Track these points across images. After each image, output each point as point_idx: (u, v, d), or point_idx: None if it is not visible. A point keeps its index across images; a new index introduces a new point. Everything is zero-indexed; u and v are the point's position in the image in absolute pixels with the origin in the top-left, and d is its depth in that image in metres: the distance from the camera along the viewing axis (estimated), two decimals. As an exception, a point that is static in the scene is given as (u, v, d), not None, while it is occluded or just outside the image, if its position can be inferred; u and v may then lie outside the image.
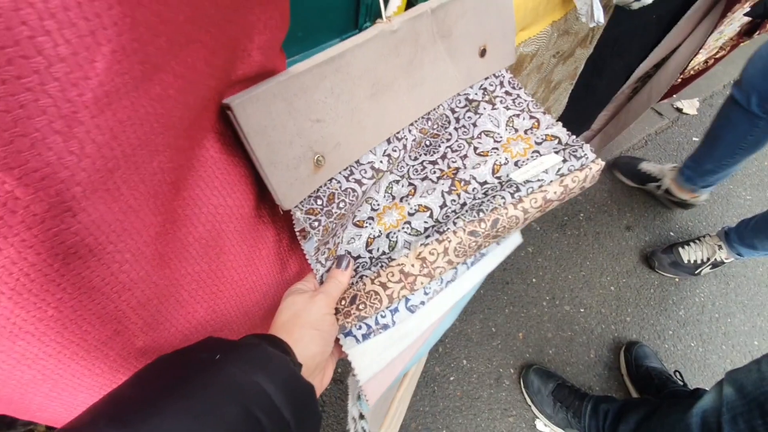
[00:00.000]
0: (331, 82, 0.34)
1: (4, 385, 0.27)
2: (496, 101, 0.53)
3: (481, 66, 0.48)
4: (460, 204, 0.45)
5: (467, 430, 1.07)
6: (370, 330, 0.39)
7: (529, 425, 1.09)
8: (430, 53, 0.41)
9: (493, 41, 0.47)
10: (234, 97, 0.28)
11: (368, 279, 0.39)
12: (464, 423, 1.08)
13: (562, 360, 1.17)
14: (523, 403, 1.11)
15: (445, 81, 0.45)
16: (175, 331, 0.35)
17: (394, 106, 0.41)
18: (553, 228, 1.37)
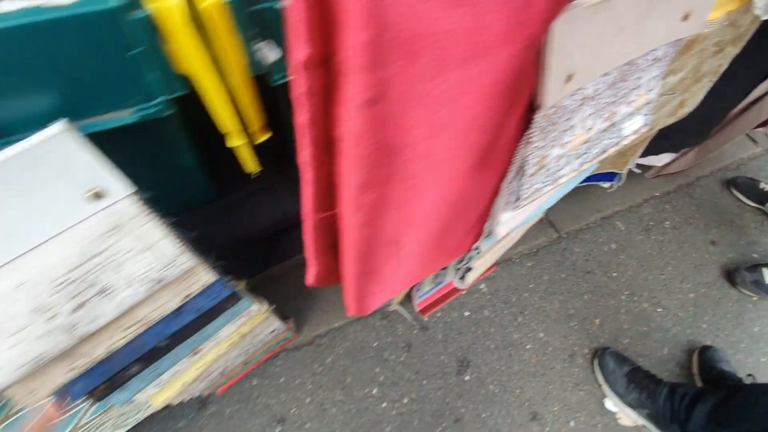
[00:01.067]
0: (609, 15, 0.43)
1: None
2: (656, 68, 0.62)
3: (680, 29, 0.57)
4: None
5: (539, 393, 1.14)
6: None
7: (598, 402, 1.14)
8: (658, 6, 0.51)
9: (698, 9, 0.56)
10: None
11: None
12: (537, 387, 1.15)
13: (635, 351, 1.22)
14: (594, 382, 1.17)
15: (655, 35, 0.54)
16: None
17: (620, 46, 0.50)
18: (638, 230, 1.41)
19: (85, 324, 0.44)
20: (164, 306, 0.53)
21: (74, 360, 0.49)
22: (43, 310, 0.40)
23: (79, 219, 0.38)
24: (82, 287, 0.42)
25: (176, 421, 1.03)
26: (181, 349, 0.67)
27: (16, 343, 0.40)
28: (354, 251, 0.48)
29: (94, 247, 0.41)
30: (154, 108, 0.37)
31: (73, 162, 0.35)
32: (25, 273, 0.38)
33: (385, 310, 1.21)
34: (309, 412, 1.07)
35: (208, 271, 0.54)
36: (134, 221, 0.42)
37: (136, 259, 0.44)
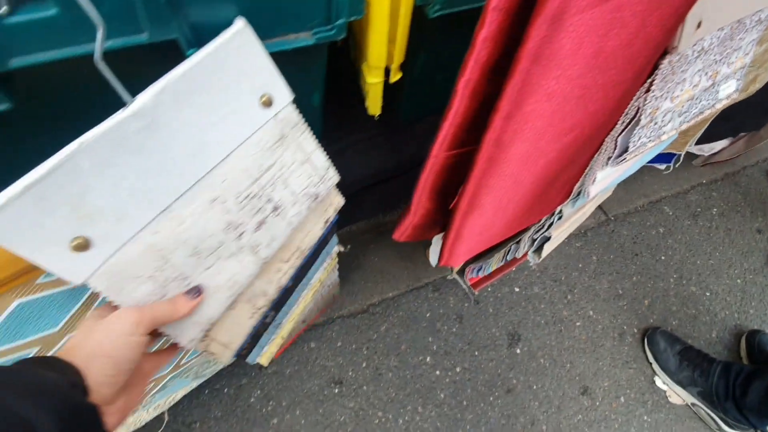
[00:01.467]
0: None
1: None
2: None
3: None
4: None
5: (589, 369, 1.16)
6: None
7: (648, 380, 1.16)
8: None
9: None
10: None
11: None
12: (587, 363, 1.16)
13: (684, 333, 1.23)
14: (644, 360, 1.18)
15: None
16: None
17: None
18: (685, 216, 1.42)
19: (264, 245, 0.45)
20: (311, 233, 0.54)
21: (254, 302, 0.50)
22: (233, 227, 0.41)
23: (256, 127, 0.40)
24: (261, 203, 0.43)
25: (239, 379, 1.07)
26: (294, 296, 0.69)
27: (210, 264, 0.41)
28: (474, 187, 0.50)
29: (267, 159, 0.42)
30: (332, 31, 0.39)
31: (251, 63, 0.36)
32: (217, 187, 0.39)
33: (438, 282, 1.24)
34: (365, 376, 1.10)
35: (338, 193, 0.56)
36: (294, 130, 0.43)
37: (297, 172, 0.45)
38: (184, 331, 0.41)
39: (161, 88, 0.32)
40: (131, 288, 0.35)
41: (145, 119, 0.33)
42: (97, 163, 0.31)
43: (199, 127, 0.37)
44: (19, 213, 0.27)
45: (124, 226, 0.34)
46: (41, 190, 0.28)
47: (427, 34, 0.49)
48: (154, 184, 0.35)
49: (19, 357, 0.42)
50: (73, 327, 0.44)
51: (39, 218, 0.28)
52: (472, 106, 0.43)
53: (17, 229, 0.28)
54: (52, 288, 0.40)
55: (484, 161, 0.45)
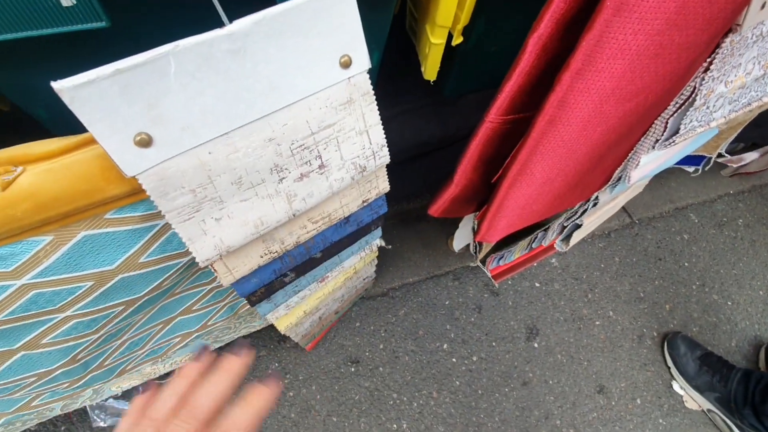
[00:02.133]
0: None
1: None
2: None
3: None
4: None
5: (607, 368, 1.15)
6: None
7: (665, 384, 1.15)
8: None
9: None
10: None
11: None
12: (605, 363, 1.16)
13: (704, 340, 1.21)
14: (662, 364, 1.17)
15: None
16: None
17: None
18: (711, 224, 1.41)
19: (300, 198, 0.47)
20: (347, 206, 0.55)
21: (269, 245, 0.51)
22: (278, 169, 0.43)
23: (329, 83, 0.41)
24: (310, 157, 0.44)
25: (258, 350, 1.07)
26: (321, 269, 0.70)
27: (247, 197, 0.43)
28: (528, 152, 0.50)
29: (329, 117, 0.43)
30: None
31: (343, 21, 0.37)
32: (276, 129, 0.40)
33: (458, 271, 1.24)
34: (382, 357, 1.10)
35: (385, 178, 0.57)
36: (363, 98, 0.44)
37: (353, 140, 0.46)
38: (204, 251, 0.42)
39: (259, 19, 0.33)
40: (173, 195, 0.37)
41: (236, 43, 0.33)
42: (182, 71, 0.32)
43: (279, 67, 0.37)
44: (102, 92, 0.29)
45: (186, 137, 0.35)
46: (128, 78, 0.29)
47: (489, 1, 0.49)
48: (224, 108, 0.36)
49: (72, 288, 0.42)
50: (127, 268, 0.45)
51: (117, 104, 0.30)
52: (539, 65, 0.43)
53: (96, 107, 0.29)
54: (117, 225, 0.41)
55: (544, 123, 0.46)
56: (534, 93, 0.47)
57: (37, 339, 0.43)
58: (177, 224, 0.39)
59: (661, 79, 0.42)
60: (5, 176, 0.31)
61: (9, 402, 0.56)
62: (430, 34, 0.50)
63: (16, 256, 0.35)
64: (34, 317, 0.40)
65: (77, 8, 0.31)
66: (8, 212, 0.31)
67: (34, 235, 0.35)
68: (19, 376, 0.46)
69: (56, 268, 0.37)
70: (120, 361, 0.62)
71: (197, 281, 0.61)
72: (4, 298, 0.37)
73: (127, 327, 0.55)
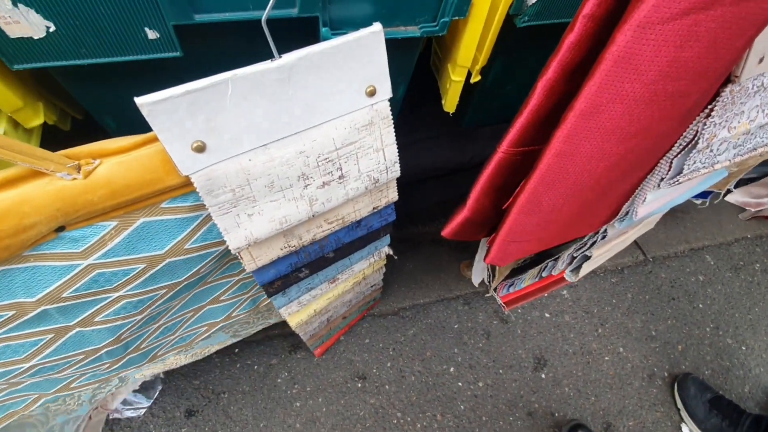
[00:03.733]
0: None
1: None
2: None
3: None
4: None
5: (615, 406, 1.14)
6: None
7: (674, 426, 1.12)
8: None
9: None
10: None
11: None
12: (613, 399, 1.14)
13: (716, 384, 1.19)
14: (672, 405, 1.15)
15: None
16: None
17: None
18: (727, 267, 1.40)
19: (320, 202, 0.53)
20: (359, 210, 0.61)
21: (289, 240, 0.57)
22: (305, 177, 0.49)
23: (355, 108, 0.47)
24: (333, 168, 0.50)
25: (269, 358, 1.11)
26: (332, 270, 0.75)
27: (276, 199, 0.49)
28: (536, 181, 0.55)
29: (352, 136, 0.49)
30: (437, 27, 0.45)
31: (371, 59, 0.44)
32: (307, 143, 0.47)
33: (469, 296, 1.26)
34: (389, 375, 1.12)
35: (395, 189, 0.62)
36: (383, 122, 0.50)
37: (370, 156, 0.53)
38: (236, 241, 0.49)
39: (304, 55, 0.39)
40: (216, 193, 0.43)
41: (283, 74, 0.40)
42: (237, 93, 0.38)
43: (315, 93, 0.44)
44: (173, 107, 0.35)
45: (233, 146, 0.42)
46: (194, 97, 0.36)
47: (507, 43, 0.55)
48: (266, 124, 0.43)
49: (127, 270, 0.48)
50: (173, 253, 0.50)
51: (183, 116, 0.36)
52: (547, 104, 0.48)
53: (166, 119, 0.36)
54: (170, 214, 0.47)
55: (551, 155, 0.50)
56: (542, 128, 0.52)
57: (92, 316, 0.48)
58: (217, 216, 0.45)
59: (657, 122, 0.47)
60: (86, 167, 0.37)
61: (53, 382, 0.61)
62: (451, 72, 0.56)
63: (86, 239, 0.41)
64: (93, 295, 0.46)
65: (160, 41, 0.38)
66: (87, 197, 0.37)
67: (102, 220, 0.41)
68: (72, 352, 0.52)
69: (117, 250, 0.43)
70: (154, 345, 0.67)
71: (227, 272, 0.67)
72: (72, 276, 0.42)
73: (165, 311, 0.60)
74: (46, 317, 0.45)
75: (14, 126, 0.44)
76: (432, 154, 0.71)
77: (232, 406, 1.05)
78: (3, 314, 0.43)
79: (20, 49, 0.36)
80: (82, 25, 0.35)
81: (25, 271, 0.42)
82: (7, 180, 0.37)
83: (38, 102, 0.45)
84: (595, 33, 0.41)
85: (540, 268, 1.03)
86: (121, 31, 0.36)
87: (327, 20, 0.42)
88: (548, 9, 0.48)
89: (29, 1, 0.33)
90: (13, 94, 0.41)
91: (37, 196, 0.38)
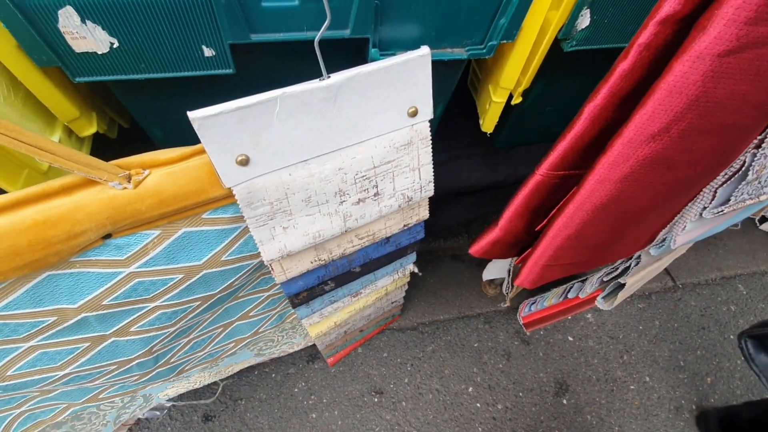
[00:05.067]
0: None
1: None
2: None
3: None
4: None
5: (640, 438, 1.10)
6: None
7: (703, 463, 1.08)
8: None
9: None
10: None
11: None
12: (637, 430, 1.10)
13: (748, 421, 1.14)
14: (701, 441, 1.10)
15: None
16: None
17: None
18: (761, 297, 1.34)
19: (354, 218, 0.53)
20: (389, 227, 0.61)
21: (320, 253, 0.57)
22: (341, 193, 0.49)
23: (396, 128, 0.47)
24: (369, 185, 0.51)
25: (287, 367, 1.11)
26: (357, 284, 0.75)
27: (311, 213, 0.49)
28: (575, 206, 0.54)
29: (390, 155, 0.49)
30: (484, 50, 0.45)
31: (416, 80, 0.44)
32: (347, 161, 0.47)
33: (490, 315, 1.24)
34: (406, 392, 1.11)
35: (426, 208, 0.62)
36: (422, 142, 0.50)
37: (406, 174, 0.53)
38: (270, 252, 0.49)
39: (352, 76, 0.40)
40: (255, 205, 0.44)
41: (331, 92, 0.40)
42: (284, 111, 0.39)
43: (359, 112, 0.44)
44: (222, 122, 0.36)
45: (275, 160, 0.42)
46: (243, 113, 0.37)
47: (551, 67, 0.54)
48: (309, 140, 0.43)
49: (165, 279, 0.49)
50: (210, 264, 0.51)
51: (231, 131, 0.37)
52: (593, 130, 0.47)
53: (215, 132, 0.36)
54: (210, 225, 0.48)
55: (594, 181, 0.49)
56: (585, 154, 0.51)
57: (127, 326, 0.49)
58: (253, 228, 0.46)
59: (710, 153, 0.45)
60: (137, 177, 0.38)
61: (83, 391, 0.62)
62: (492, 93, 0.56)
63: (130, 246, 0.41)
64: (131, 304, 0.46)
65: (215, 58, 0.38)
66: (136, 206, 0.38)
67: (147, 228, 0.41)
68: (106, 362, 0.52)
69: (158, 259, 0.44)
70: (182, 360, 0.67)
71: (258, 287, 0.67)
72: (113, 283, 0.43)
73: (196, 325, 0.61)
74: (84, 325, 0.46)
75: (68, 134, 0.46)
76: (465, 172, 0.71)
77: (249, 413, 1.05)
78: (45, 320, 0.44)
79: (84, 63, 0.37)
80: (143, 42, 0.36)
81: (70, 276, 0.42)
82: (63, 188, 0.38)
83: (92, 112, 0.47)
84: (650, 62, 0.40)
85: (565, 288, 1.01)
86: (180, 48, 0.37)
87: (376, 41, 0.43)
88: (598, 34, 0.48)
89: (97, 17, 0.34)
90: (71, 105, 0.42)
91: (89, 203, 0.39)
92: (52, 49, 0.36)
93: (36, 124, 0.43)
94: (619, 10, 0.46)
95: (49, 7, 0.33)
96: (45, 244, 0.39)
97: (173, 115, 0.47)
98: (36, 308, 0.43)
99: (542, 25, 0.45)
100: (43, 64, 0.37)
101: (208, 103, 0.35)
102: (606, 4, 0.44)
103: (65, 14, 0.34)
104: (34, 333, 0.46)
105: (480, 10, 0.42)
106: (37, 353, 0.49)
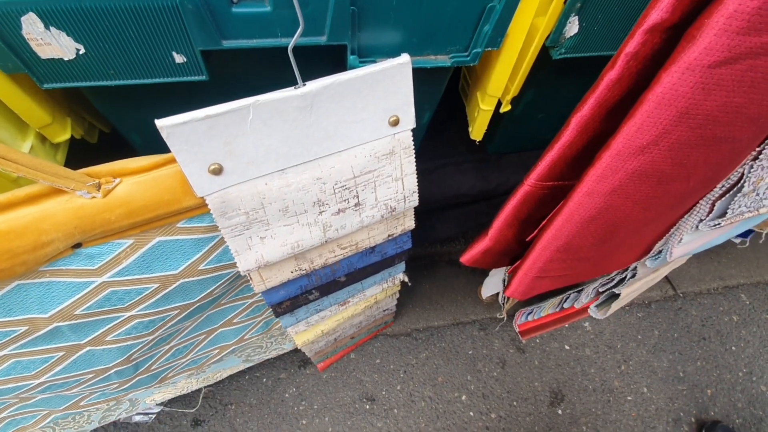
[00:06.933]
0: None
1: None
2: None
3: None
4: None
5: (636, 450, 1.07)
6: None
7: (701, 478, 1.05)
8: None
9: None
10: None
11: None
12: (634, 443, 1.08)
13: (748, 435, 1.11)
14: (699, 454, 1.08)
15: None
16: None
17: None
18: (764, 308, 1.32)
19: (334, 228, 0.51)
20: (373, 237, 0.59)
21: (300, 263, 0.56)
22: (320, 204, 0.48)
23: (377, 137, 0.46)
24: (349, 196, 0.49)
25: (278, 372, 1.10)
26: (343, 293, 0.74)
27: (289, 223, 0.48)
28: (563, 219, 0.52)
29: (371, 164, 0.48)
30: (468, 57, 0.44)
31: (397, 89, 0.42)
32: (325, 170, 0.46)
33: (485, 322, 1.22)
34: (398, 399, 1.09)
35: (412, 218, 0.61)
36: (404, 152, 0.49)
37: (389, 184, 0.51)
38: (246, 263, 0.48)
39: (328, 84, 0.38)
40: (230, 215, 0.43)
41: (306, 101, 0.39)
42: (257, 119, 0.38)
43: (337, 121, 0.43)
44: (192, 130, 0.35)
45: (249, 169, 0.41)
46: (214, 121, 0.35)
47: (540, 74, 0.53)
48: (284, 149, 0.42)
49: (140, 289, 0.48)
50: (188, 273, 0.50)
51: (201, 139, 0.36)
52: (581, 141, 0.46)
53: (185, 141, 0.35)
54: (186, 234, 0.46)
55: (582, 194, 0.47)
56: (573, 165, 0.49)
57: (103, 335, 0.48)
58: (229, 238, 0.45)
59: (702, 166, 0.44)
60: (106, 185, 0.37)
61: (63, 398, 0.61)
62: (480, 101, 0.54)
63: (102, 256, 0.40)
64: (105, 314, 0.45)
65: (187, 65, 0.37)
66: (105, 216, 0.37)
67: (119, 237, 0.40)
68: (81, 371, 0.51)
69: (131, 269, 0.43)
70: (164, 367, 0.66)
71: (241, 294, 0.66)
72: (85, 293, 0.42)
73: (176, 333, 0.60)
74: (58, 334, 0.45)
75: (41, 140, 0.45)
76: (456, 180, 0.69)
77: (239, 419, 1.04)
78: (16, 329, 0.43)
79: (51, 70, 0.36)
80: (111, 48, 0.35)
81: (40, 286, 0.41)
82: (28, 197, 0.37)
83: (67, 117, 0.46)
84: (638, 72, 0.38)
85: (561, 299, 0.99)
86: (149, 54, 0.36)
87: (355, 48, 0.41)
88: (586, 42, 0.46)
89: (61, 24, 0.33)
90: (42, 111, 0.41)
91: (56, 213, 0.38)
92: (17, 56, 0.35)
93: (7, 131, 0.42)
94: (608, 18, 0.44)
95: (11, 13, 0.32)
96: (11, 254, 0.38)
97: (150, 121, 0.46)
98: (6, 318, 0.43)
99: (529, 32, 0.44)
100: (9, 70, 0.36)
101: (185, 109, 0.34)
102: (595, 11, 0.43)
103: (28, 21, 0.33)
104: (6, 342, 0.45)
105: (463, 16, 0.41)
106: (11, 362, 0.49)
